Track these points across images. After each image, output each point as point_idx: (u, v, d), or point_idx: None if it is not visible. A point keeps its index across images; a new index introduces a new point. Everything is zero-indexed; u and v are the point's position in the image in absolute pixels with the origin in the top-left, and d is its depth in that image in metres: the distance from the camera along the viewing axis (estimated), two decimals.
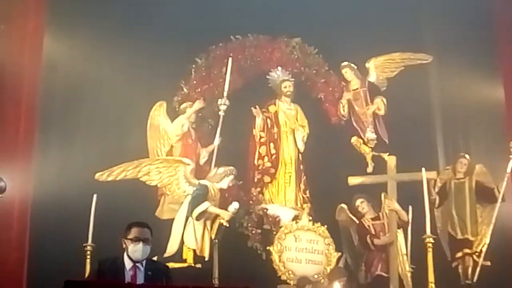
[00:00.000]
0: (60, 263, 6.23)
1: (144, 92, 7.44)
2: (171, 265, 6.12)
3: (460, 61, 7.99)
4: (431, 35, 8.20)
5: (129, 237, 4.23)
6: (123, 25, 7.57)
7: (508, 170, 7.31)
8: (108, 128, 7.36)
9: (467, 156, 7.77)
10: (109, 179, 6.67)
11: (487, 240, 7.35)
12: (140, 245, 4.18)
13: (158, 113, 7.47)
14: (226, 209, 6.81)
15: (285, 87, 8.14)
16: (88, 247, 6.46)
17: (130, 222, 4.35)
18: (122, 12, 7.63)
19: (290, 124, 8.08)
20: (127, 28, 7.56)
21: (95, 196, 6.54)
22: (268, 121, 8.04)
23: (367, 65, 8.22)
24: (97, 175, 6.65)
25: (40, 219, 6.65)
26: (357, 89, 8.24)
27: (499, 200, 7.36)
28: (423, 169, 7.14)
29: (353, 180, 7.63)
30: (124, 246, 4.26)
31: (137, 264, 4.23)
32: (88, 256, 6.43)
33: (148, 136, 7.42)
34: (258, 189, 7.82)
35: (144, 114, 7.41)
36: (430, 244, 6.86)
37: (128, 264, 4.22)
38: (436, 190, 7.72)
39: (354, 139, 8.05)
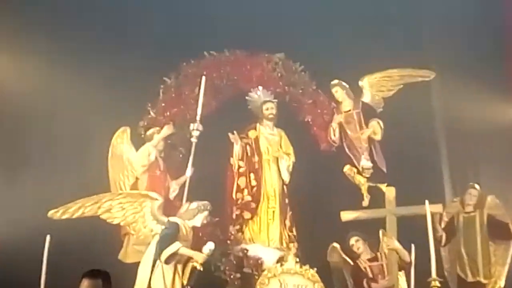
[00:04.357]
0: None
1: (105, 117, 7.54)
2: None
3: (467, 78, 8.23)
4: (433, 48, 8.46)
5: None
6: (80, 42, 7.70)
7: None
8: (63, 159, 7.43)
9: (477, 186, 7.97)
10: (65, 217, 6.69)
11: (502, 283, 7.57)
12: None
13: (121, 140, 7.57)
14: (200, 251, 6.79)
15: (267, 109, 8.34)
16: None
17: (85, 271, 4.50)
18: (79, 27, 7.79)
19: (273, 152, 8.26)
20: (85, 46, 7.70)
21: (48, 237, 6.52)
22: (248, 148, 8.21)
23: (360, 83, 8.40)
24: (50, 213, 6.66)
25: None
26: (349, 110, 8.42)
27: None
28: (427, 201, 7.14)
29: (347, 215, 7.73)
30: None
31: None
32: None
33: (109, 167, 7.52)
34: (237, 226, 7.97)
35: (105, 142, 7.49)
36: None
37: None
38: (443, 225, 7.90)
39: (347, 168, 8.22)
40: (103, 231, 7.09)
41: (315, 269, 7.35)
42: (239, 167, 8.19)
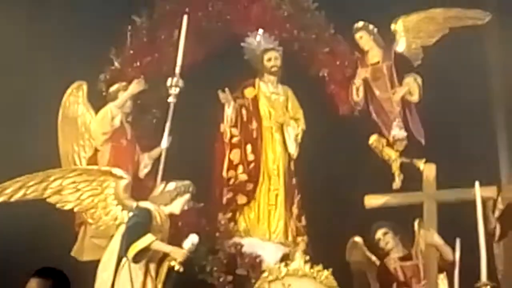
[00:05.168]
0: None
1: (54, 67, 7.45)
2: None
3: None
4: None
5: None
6: None
7: None
8: None
9: None
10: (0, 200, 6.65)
11: None
12: None
13: (75, 99, 7.52)
14: (179, 245, 6.70)
15: (269, 59, 8.27)
16: None
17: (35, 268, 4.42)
18: None
19: (277, 117, 8.21)
20: None
21: None
22: (244, 111, 8.16)
23: (393, 27, 8.35)
24: None
25: None
26: (378, 63, 8.37)
27: None
28: (477, 183, 7.08)
29: (372, 201, 7.61)
30: None
31: None
32: None
33: (59, 134, 7.48)
34: (229, 214, 7.92)
35: (54, 102, 7.43)
36: None
37: None
38: (497, 215, 7.71)
39: (373, 139, 8.15)
40: (51, 219, 6.97)
41: (330, 270, 7.30)
42: (232, 136, 8.14)
